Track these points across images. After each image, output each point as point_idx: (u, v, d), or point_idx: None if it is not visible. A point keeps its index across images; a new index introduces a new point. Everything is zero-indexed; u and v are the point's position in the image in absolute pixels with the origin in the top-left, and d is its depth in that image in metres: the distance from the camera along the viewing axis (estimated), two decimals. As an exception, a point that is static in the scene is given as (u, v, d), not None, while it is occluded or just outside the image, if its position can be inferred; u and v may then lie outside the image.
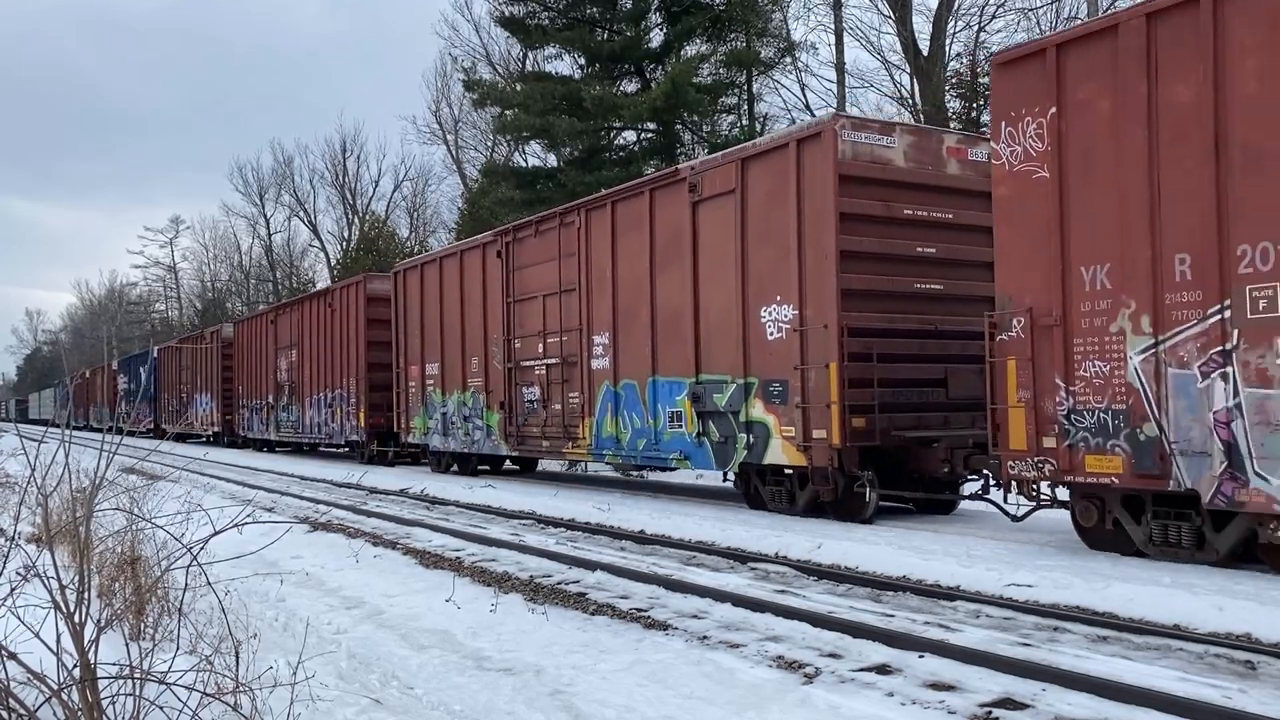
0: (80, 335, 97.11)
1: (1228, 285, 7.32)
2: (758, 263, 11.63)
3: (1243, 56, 7.28)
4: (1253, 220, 7.18)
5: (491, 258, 17.03)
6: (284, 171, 61.78)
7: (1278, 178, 7.09)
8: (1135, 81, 7.87)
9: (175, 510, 4.90)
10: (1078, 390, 8.31)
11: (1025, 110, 8.68)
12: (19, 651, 3.36)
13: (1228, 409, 7.37)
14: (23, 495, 4.57)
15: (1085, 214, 8.25)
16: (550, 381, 15.49)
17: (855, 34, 26.76)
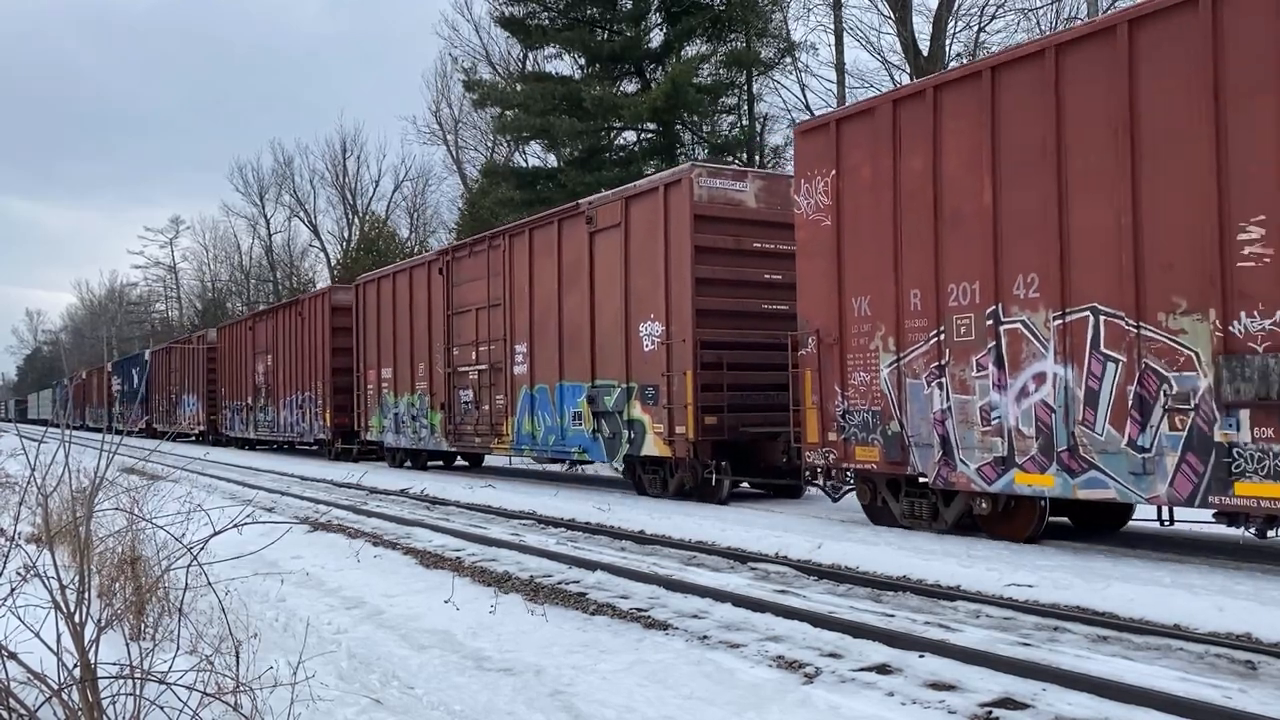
0: (80, 335, 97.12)
1: (942, 315, 9.41)
2: (637, 286, 13.64)
3: (950, 141, 9.35)
4: (954, 266, 9.29)
5: (435, 274, 18.85)
6: (284, 171, 61.85)
7: (969, 235, 9.14)
8: (884, 154, 9.92)
9: (175, 510, 4.90)
10: (850, 395, 10.39)
11: (816, 171, 10.68)
12: (19, 651, 3.36)
13: (942, 410, 9.43)
14: (23, 495, 4.57)
15: (855, 256, 10.30)
16: (482, 385, 17.40)
17: (855, 34, 26.76)
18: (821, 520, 10.38)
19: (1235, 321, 7.32)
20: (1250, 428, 7.21)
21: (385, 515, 12.92)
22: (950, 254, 9.32)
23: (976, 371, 9.15)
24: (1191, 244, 7.54)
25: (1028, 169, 8.70)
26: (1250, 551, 8.54)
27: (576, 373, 14.86)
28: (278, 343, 27.37)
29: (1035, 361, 8.68)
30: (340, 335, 23.56)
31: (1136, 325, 7.91)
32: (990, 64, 9.17)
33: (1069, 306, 8.41)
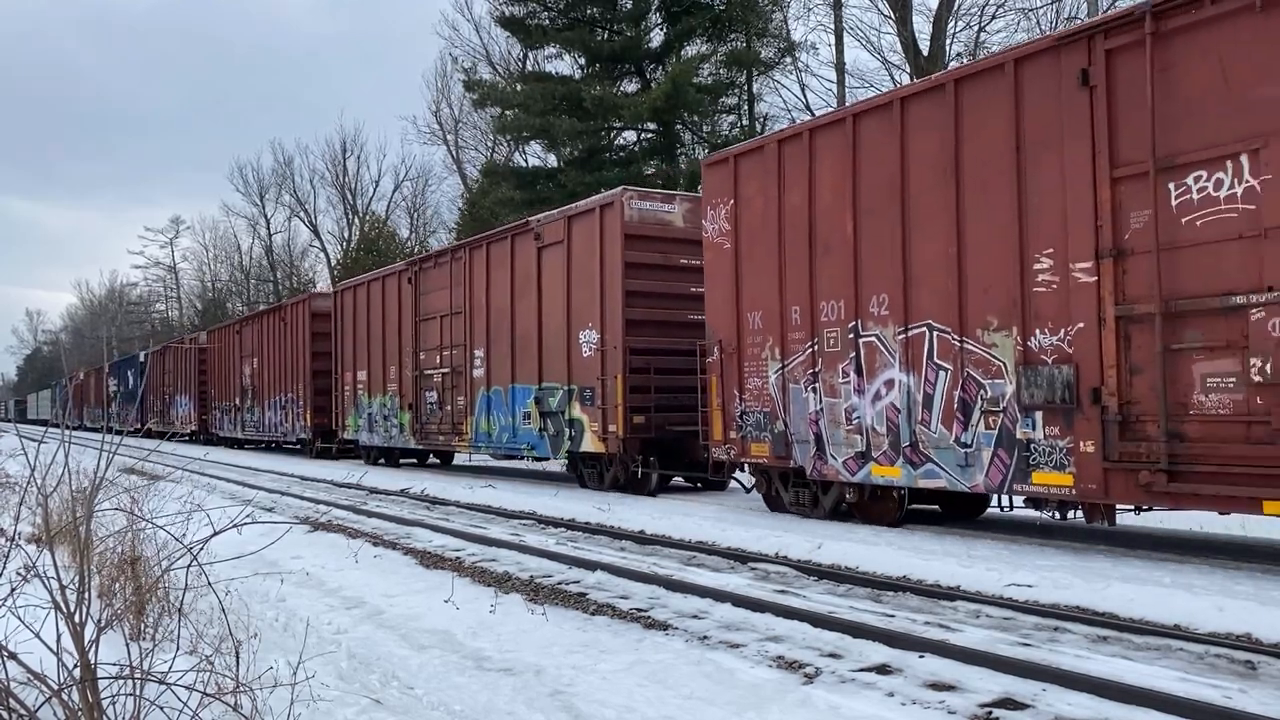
0: (80, 335, 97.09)
1: (816, 329, 10.81)
2: (578, 297, 14.92)
3: (822, 178, 10.65)
4: (825, 287, 10.71)
5: (404, 283, 20.15)
6: (284, 171, 61.87)
7: (836, 260, 10.52)
8: (772, 187, 11.22)
9: (175, 510, 4.90)
10: (746, 398, 11.71)
11: (719, 200, 12.04)
12: (19, 651, 3.36)
13: (816, 411, 10.81)
14: (23, 495, 4.57)
15: (750, 276, 11.63)
16: (445, 387, 18.71)
17: (855, 34, 26.78)
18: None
19: (1032, 337, 8.70)
20: (1043, 426, 8.62)
21: (385, 515, 12.92)
22: (822, 276, 10.74)
23: (842, 378, 10.54)
24: (1001, 272, 8.90)
25: (880, 205, 10.05)
26: (1250, 551, 8.55)
27: (526, 376, 16.18)
28: (263, 346, 28.49)
29: (886, 370, 10.07)
30: (320, 340, 24.65)
31: (960, 339, 9.29)
32: (852, 111, 10.56)
33: (910, 323, 9.81)
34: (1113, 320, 8.05)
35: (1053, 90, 8.51)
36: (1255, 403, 7.24)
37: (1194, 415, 7.57)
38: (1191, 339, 7.60)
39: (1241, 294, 7.25)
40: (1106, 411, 8.11)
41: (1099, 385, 8.16)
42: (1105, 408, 8.11)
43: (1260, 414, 7.20)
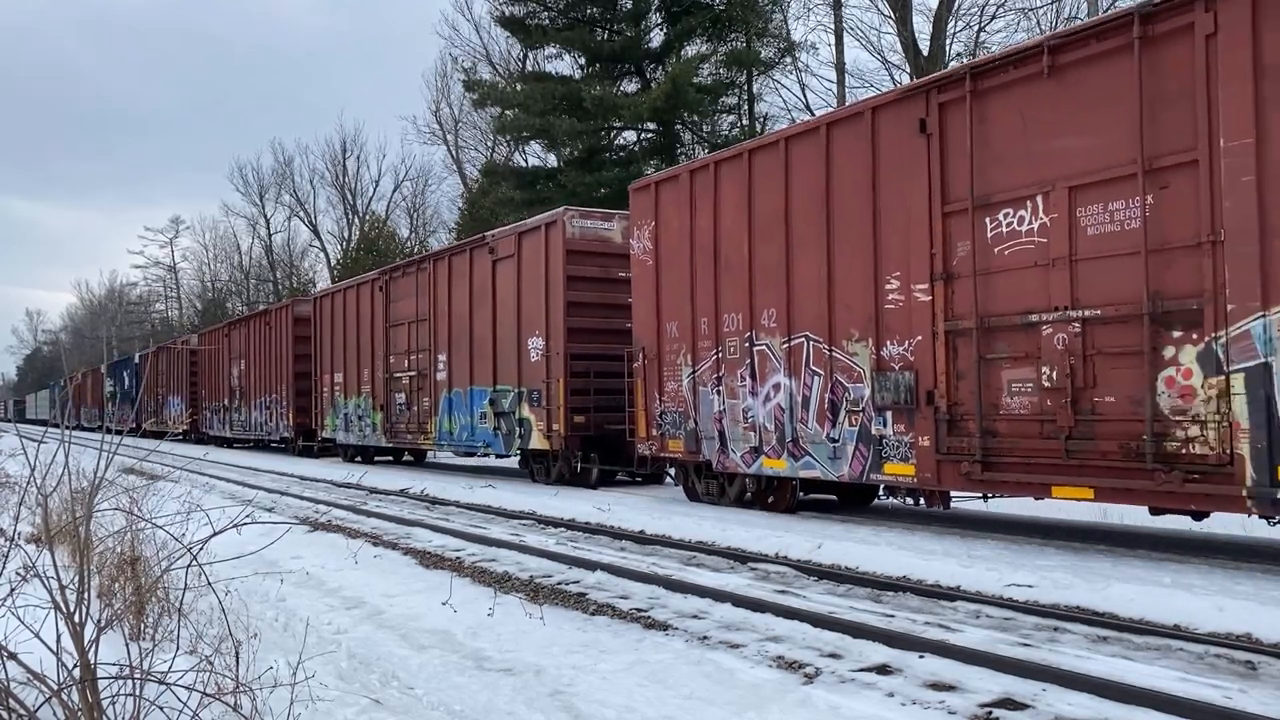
0: (80, 335, 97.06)
1: (720, 338, 12.12)
2: (527, 307, 16.21)
3: (725, 205, 12.01)
4: (727, 301, 12.02)
5: (377, 291, 21.44)
6: (284, 171, 61.90)
7: (736, 277, 11.83)
8: (686, 212, 12.60)
9: (175, 510, 4.90)
10: (664, 399, 13.07)
11: (643, 221, 13.40)
12: (19, 651, 3.36)
13: (720, 411, 12.14)
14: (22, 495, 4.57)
15: (668, 290, 12.98)
16: (412, 389, 20.00)
17: (855, 34, 26.78)
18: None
19: (883, 347, 10.12)
20: (892, 424, 10.05)
21: (385, 515, 12.92)
22: (725, 291, 12.09)
23: (740, 381, 11.86)
24: (861, 291, 10.32)
25: (770, 230, 11.40)
26: (1250, 551, 8.55)
27: (483, 379, 17.51)
28: (249, 349, 29.84)
29: (774, 375, 11.44)
30: (301, 343, 25.89)
31: (830, 349, 10.73)
32: (748, 147, 11.92)
33: (792, 334, 11.20)
34: (943, 334, 9.48)
35: (900, 136, 9.89)
36: (1045, 404, 8.62)
37: (1003, 415, 8.97)
38: (1001, 350, 9.00)
39: (1036, 313, 8.67)
40: (938, 411, 9.52)
41: (933, 389, 9.58)
42: (937, 408, 9.52)
43: (1049, 414, 8.58)
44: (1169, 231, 7.82)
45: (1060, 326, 8.47)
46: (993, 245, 9.04)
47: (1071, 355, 8.41)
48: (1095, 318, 8.25)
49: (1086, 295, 8.33)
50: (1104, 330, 8.23)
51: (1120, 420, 8.10)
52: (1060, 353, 8.46)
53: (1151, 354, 7.88)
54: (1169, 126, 7.82)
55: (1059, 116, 8.57)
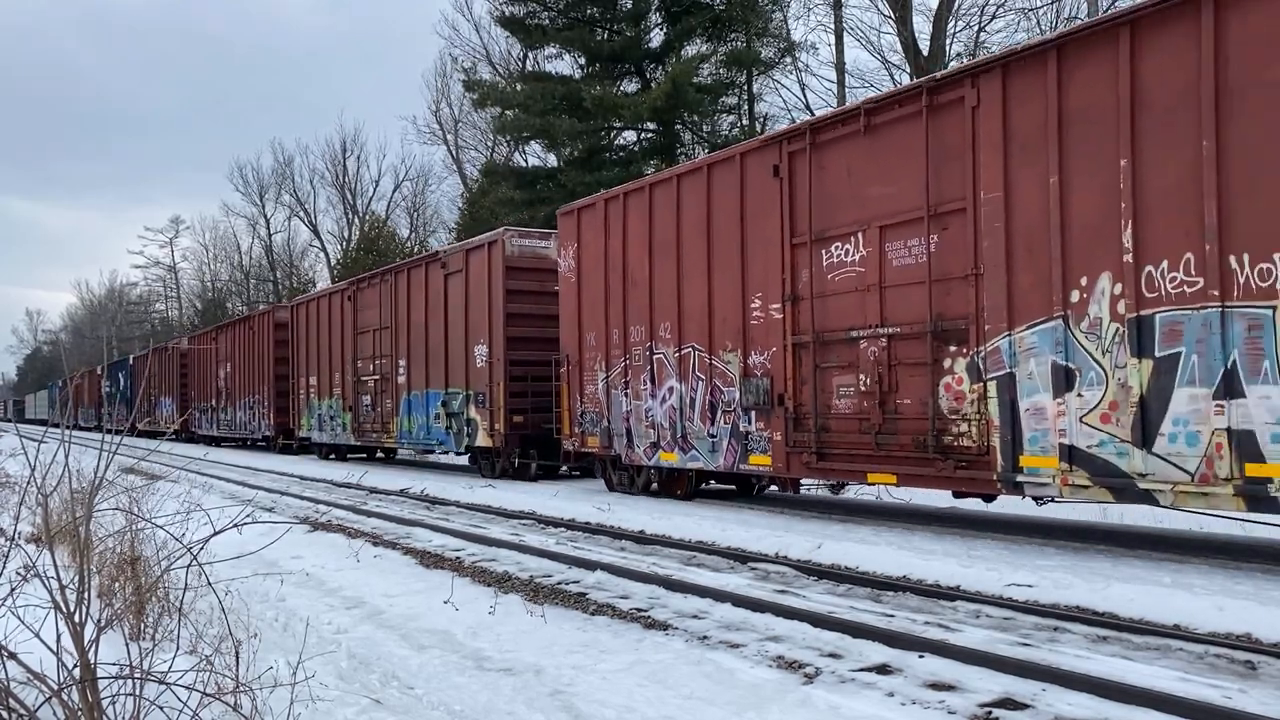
0: (80, 335, 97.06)
1: (628, 348, 13.87)
2: (473, 317, 17.85)
3: (632, 231, 13.74)
4: (633, 315, 13.78)
5: (345, 301, 23.13)
6: (284, 171, 61.91)
7: (640, 294, 13.55)
8: (601, 236, 14.30)
9: (175, 510, 4.90)
10: (584, 401, 14.78)
11: (568, 242, 15.14)
12: (19, 651, 3.36)
13: (627, 412, 13.90)
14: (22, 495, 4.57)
15: (587, 305, 14.69)
16: (377, 391, 21.71)
17: (855, 34, 26.79)
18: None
19: (749, 357, 11.87)
20: (755, 422, 11.77)
21: (385, 515, 12.92)
22: (631, 307, 13.77)
23: (643, 385, 13.57)
24: (734, 309, 12.05)
25: (667, 255, 13.10)
26: (1250, 551, 8.55)
27: (437, 382, 19.02)
28: (234, 353, 31.58)
29: (669, 380, 13.17)
30: (280, 348, 27.59)
31: (711, 358, 12.46)
32: (649, 181, 13.75)
33: (682, 345, 12.95)
34: (791, 346, 11.26)
35: (762, 178, 11.60)
36: (862, 405, 10.40)
37: (833, 414, 10.79)
38: (831, 360, 10.81)
39: (856, 329, 10.47)
40: (787, 411, 11.27)
41: (783, 392, 11.33)
42: (787, 408, 11.28)
43: (865, 414, 10.37)
44: (948, 265, 9.55)
45: (872, 341, 10.31)
46: (827, 273, 10.88)
47: (880, 365, 10.22)
48: (897, 334, 10.05)
49: (891, 315, 10.11)
50: (903, 344, 10.01)
51: (914, 419, 9.87)
52: (872, 363, 10.31)
53: (934, 364, 9.66)
54: (948, 180, 9.51)
55: (873, 167, 10.31)
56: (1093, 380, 8.34)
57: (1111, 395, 8.20)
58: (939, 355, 9.63)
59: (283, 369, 27.17)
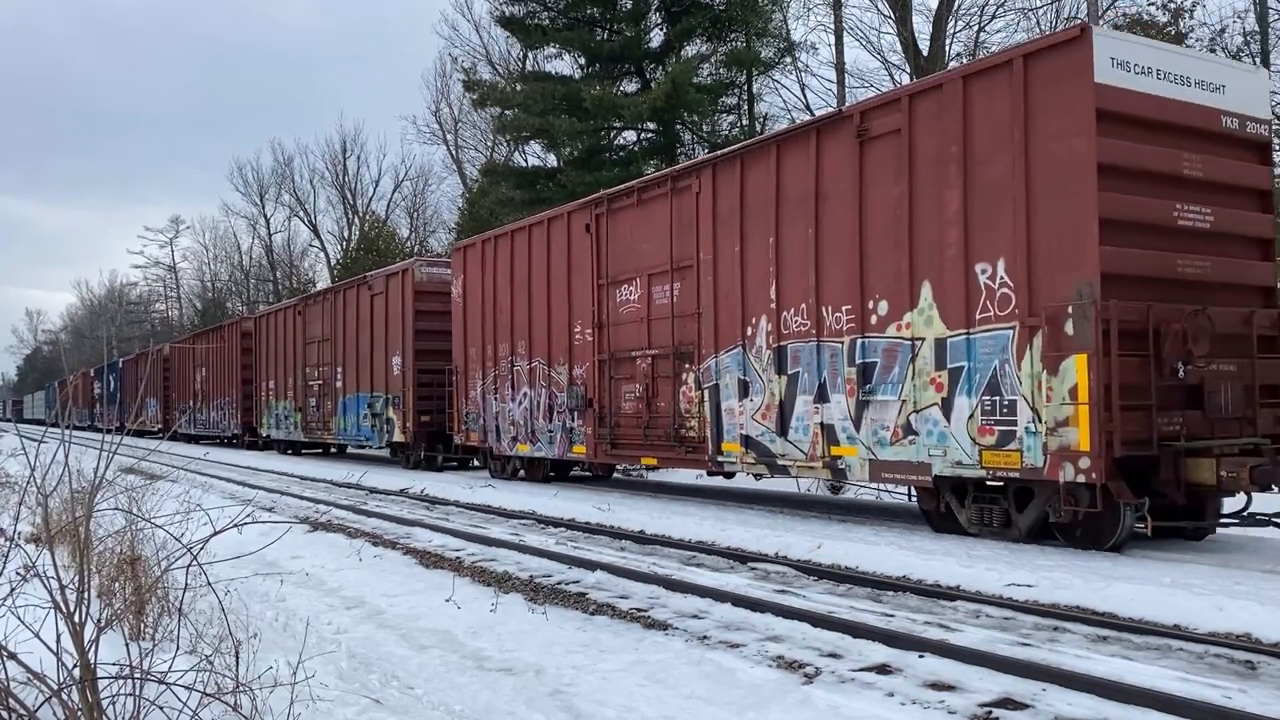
0: (80, 335, 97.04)
1: (498, 360, 17.07)
2: (391, 333, 21.17)
3: (500, 268, 16.99)
4: (501, 335, 17.02)
5: (296, 315, 26.52)
6: (284, 171, 61.72)
7: (504, 319, 16.87)
8: (478, 269, 17.72)
9: (174, 510, 4.89)
10: (469, 404, 18.16)
11: (458, 273, 18.50)
12: (19, 651, 3.36)
13: (496, 413, 17.22)
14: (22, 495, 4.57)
15: (470, 325, 18.07)
16: (321, 394, 24.96)
17: (855, 34, 26.75)
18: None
19: (574, 369, 15.17)
20: (577, 420, 15.13)
21: (385, 515, 12.92)
22: (499, 328, 17.13)
23: (508, 391, 16.90)
24: (563, 332, 15.38)
25: (522, 287, 16.44)
26: (1250, 551, 8.55)
27: (365, 387, 22.29)
28: (209, 358, 34.97)
29: (524, 387, 16.48)
30: (246, 355, 30.84)
31: (550, 370, 15.74)
32: (512, 229, 17.11)
33: (532, 359, 16.24)
34: (598, 361, 14.58)
35: (580, 232, 15.02)
36: (638, 408, 13.79)
37: (621, 414, 14.17)
38: (621, 373, 14.19)
39: (635, 350, 13.85)
40: (595, 411, 14.59)
41: (593, 397, 14.65)
42: (595, 409, 14.59)
43: (640, 413, 13.77)
44: (684, 306, 12.95)
45: (644, 359, 13.67)
46: (619, 307, 14.25)
47: (648, 377, 13.60)
48: (658, 354, 13.44)
49: (654, 341, 13.50)
50: (661, 362, 13.37)
51: (666, 417, 13.25)
52: (644, 375, 13.70)
53: (676, 377, 13.06)
54: (684, 243, 12.88)
55: (644, 230, 13.67)
56: (758, 390, 11.73)
57: (766, 400, 11.60)
58: (679, 370, 13.04)
59: (248, 374, 30.51)
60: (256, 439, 30.43)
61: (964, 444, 9.23)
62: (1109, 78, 8.52)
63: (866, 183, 10.33)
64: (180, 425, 37.75)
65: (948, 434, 9.39)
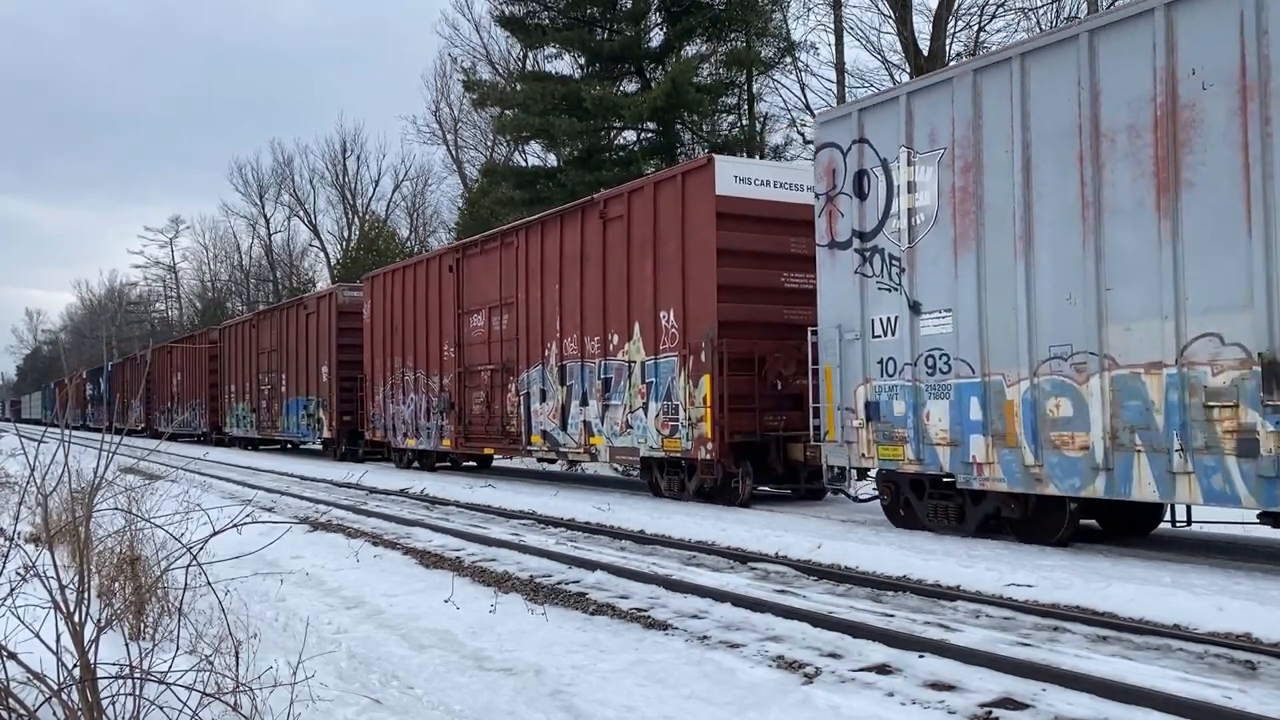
0: (80, 335, 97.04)
1: (395, 371, 21.14)
2: (320, 346, 25.45)
3: (395, 295, 21.36)
4: (396, 352, 21.18)
5: (251, 328, 31.08)
6: (284, 171, 61.79)
7: (397, 338, 21.15)
8: (381, 296, 21.94)
9: (174, 510, 4.89)
10: (374, 406, 22.18)
11: (367, 298, 22.59)
12: (19, 651, 3.36)
13: (394, 414, 21.18)
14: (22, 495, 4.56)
15: (375, 342, 22.19)
16: (270, 397, 29.19)
17: (855, 34, 26.74)
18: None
19: (444, 379, 18.98)
20: (445, 419, 18.90)
21: (385, 515, 12.92)
22: (394, 346, 21.14)
23: (400, 395, 20.88)
24: (436, 350, 19.34)
25: (409, 312, 20.47)
26: (1250, 551, 8.55)
27: (303, 391, 26.52)
28: (183, 364, 39.47)
29: (410, 393, 20.41)
30: (213, 362, 35.37)
31: (428, 379, 19.59)
32: (401, 265, 21.72)
33: (416, 371, 20.12)
34: (458, 373, 18.40)
35: (446, 272, 18.99)
36: (485, 409, 17.64)
37: (473, 415, 18.07)
38: (472, 383, 18.04)
39: (482, 365, 17.71)
40: (456, 413, 18.46)
41: (455, 401, 18.51)
42: (456, 411, 18.46)
43: (485, 414, 17.64)
44: (509, 333, 16.90)
45: (487, 371, 17.59)
46: (470, 331, 18.20)
47: (489, 386, 17.49)
48: (494, 369, 17.26)
49: (493, 358, 17.40)
50: (496, 375, 17.24)
51: (499, 417, 17.17)
52: (486, 384, 17.59)
53: (504, 387, 17.01)
54: (508, 285, 16.93)
55: (487, 273, 17.65)
56: (550, 396, 15.78)
57: (554, 404, 15.67)
58: (506, 381, 17.01)
59: (215, 379, 35.19)
60: (222, 436, 34.73)
61: (654, 435, 13.57)
62: (728, 190, 12.63)
63: (608, 251, 14.46)
64: (159, 424, 41.72)
65: (647, 428, 13.69)
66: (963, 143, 9.33)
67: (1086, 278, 8.23)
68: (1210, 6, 7.54)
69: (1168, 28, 7.73)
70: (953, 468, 9.44)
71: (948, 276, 9.49)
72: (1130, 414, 7.93)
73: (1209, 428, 7.39)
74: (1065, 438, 8.44)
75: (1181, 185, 7.62)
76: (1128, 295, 7.95)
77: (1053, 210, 8.54)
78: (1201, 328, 7.48)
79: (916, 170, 9.83)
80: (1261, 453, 7.06)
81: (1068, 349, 8.40)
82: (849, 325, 10.59)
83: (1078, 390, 8.34)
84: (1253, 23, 7.25)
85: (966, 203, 9.29)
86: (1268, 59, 7.18)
